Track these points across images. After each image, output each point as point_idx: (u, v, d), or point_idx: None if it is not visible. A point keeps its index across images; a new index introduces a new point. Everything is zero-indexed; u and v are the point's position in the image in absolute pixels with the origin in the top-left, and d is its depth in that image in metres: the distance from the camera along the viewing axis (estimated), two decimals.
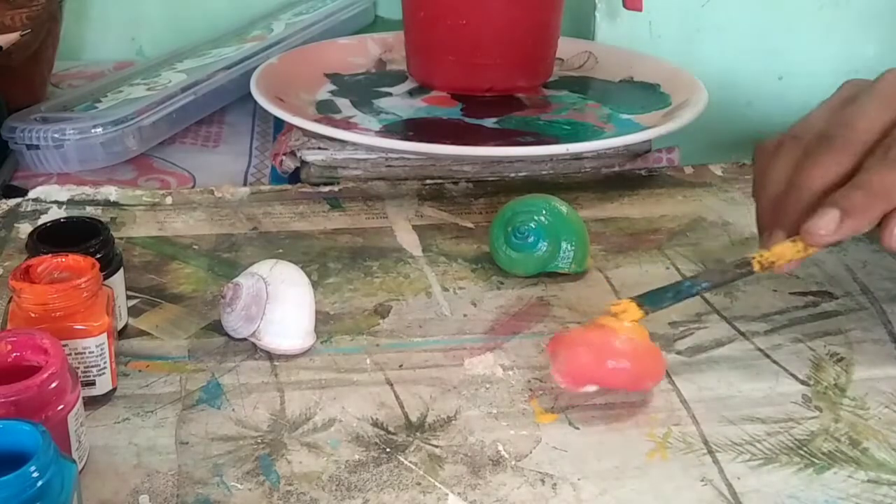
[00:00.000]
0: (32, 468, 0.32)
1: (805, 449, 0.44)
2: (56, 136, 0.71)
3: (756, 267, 0.48)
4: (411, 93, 0.81)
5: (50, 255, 0.46)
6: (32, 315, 0.44)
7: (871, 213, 0.46)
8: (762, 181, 0.51)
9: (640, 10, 0.87)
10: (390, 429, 0.45)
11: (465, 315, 0.54)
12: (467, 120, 0.75)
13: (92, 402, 0.45)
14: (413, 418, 0.45)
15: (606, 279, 0.58)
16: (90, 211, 0.65)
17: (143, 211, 0.65)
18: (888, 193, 0.46)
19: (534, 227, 0.57)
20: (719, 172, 0.73)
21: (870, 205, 0.46)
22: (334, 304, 0.55)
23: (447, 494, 0.41)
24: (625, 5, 0.87)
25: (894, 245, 0.46)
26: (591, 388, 0.46)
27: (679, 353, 0.51)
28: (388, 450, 0.43)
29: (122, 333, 0.51)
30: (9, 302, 0.46)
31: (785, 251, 0.48)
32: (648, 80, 0.80)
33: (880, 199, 0.46)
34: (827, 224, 0.46)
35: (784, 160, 0.50)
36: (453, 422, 0.45)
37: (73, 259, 0.46)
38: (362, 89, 0.81)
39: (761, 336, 0.52)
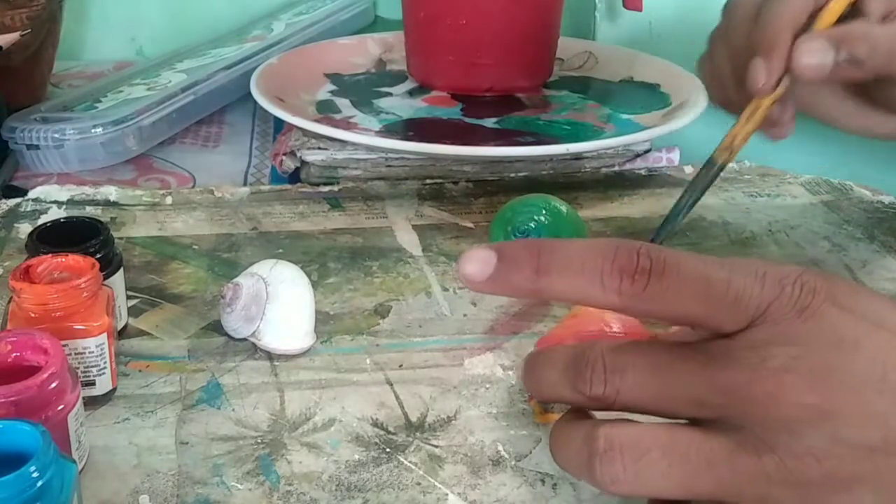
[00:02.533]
0: (32, 468, 0.32)
1: None
2: (56, 136, 0.71)
3: (719, 159, 0.53)
4: (411, 93, 0.81)
5: (50, 255, 0.46)
6: (32, 315, 0.44)
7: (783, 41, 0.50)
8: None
9: (640, 10, 0.87)
10: (390, 429, 0.45)
11: (465, 315, 0.54)
12: (467, 120, 0.75)
13: (92, 402, 0.45)
14: (413, 418, 0.45)
15: None
16: (90, 211, 0.65)
17: (143, 211, 0.65)
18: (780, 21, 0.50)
19: (534, 227, 0.57)
20: None
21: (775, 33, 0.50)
22: (334, 304, 0.55)
23: (447, 494, 0.41)
24: (625, 5, 0.88)
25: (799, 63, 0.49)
26: None
27: None
28: (388, 450, 0.43)
29: (122, 333, 0.51)
30: (9, 302, 0.46)
31: (736, 130, 0.52)
32: (648, 80, 0.80)
33: (781, 28, 0.50)
34: (755, 69, 0.51)
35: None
36: (453, 422, 0.45)
37: (73, 259, 0.46)
38: (362, 89, 0.81)
39: None
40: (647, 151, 0.74)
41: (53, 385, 0.38)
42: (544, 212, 0.57)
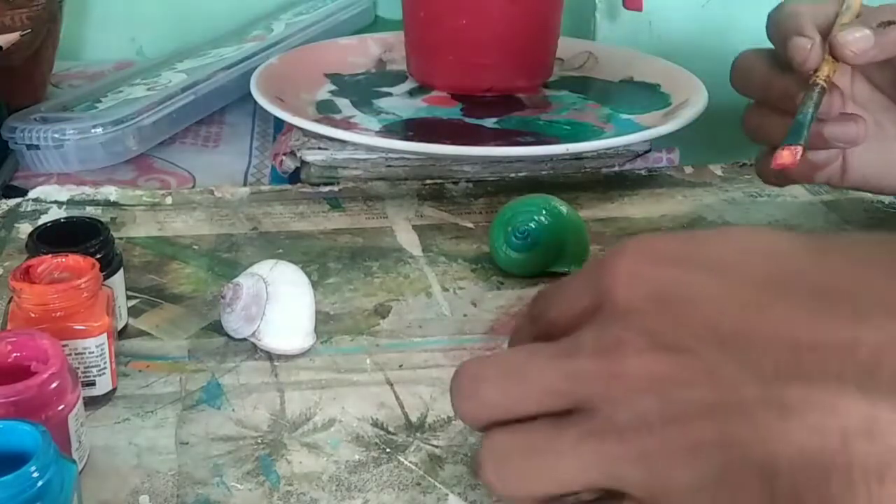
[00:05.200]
0: (32, 468, 0.32)
1: None
2: (56, 136, 0.71)
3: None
4: (411, 93, 0.81)
5: (50, 255, 0.46)
6: (32, 315, 0.44)
7: None
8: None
9: (640, 9, 0.87)
10: (390, 429, 0.45)
11: (465, 315, 0.54)
12: (467, 120, 0.75)
13: (92, 403, 0.45)
14: (413, 418, 0.45)
15: None
16: (90, 211, 0.65)
17: (143, 211, 0.65)
18: None
19: (534, 227, 0.57)
20: (719, 172, 0.73)
21: None
22: (334, 304, 0.55)
23: (447, 494, 0.41)
24: (625, 5, 0.87)
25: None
26: None
27: None
28: (388, 450, 0.43)
29: (122, 333, 0.51)
30: (9, 302, 0.46)
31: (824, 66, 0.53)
32: (648, 80, 0.80)
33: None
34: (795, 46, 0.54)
35: None
36: (453, 422, 0.45)
37: (73, 259, 0.46)
38: (362, 89, 0.81)
39: None
40: (647, 151, 0.74)
41: (54, 385, 0.38)
42: (544, 212, 0.57)
